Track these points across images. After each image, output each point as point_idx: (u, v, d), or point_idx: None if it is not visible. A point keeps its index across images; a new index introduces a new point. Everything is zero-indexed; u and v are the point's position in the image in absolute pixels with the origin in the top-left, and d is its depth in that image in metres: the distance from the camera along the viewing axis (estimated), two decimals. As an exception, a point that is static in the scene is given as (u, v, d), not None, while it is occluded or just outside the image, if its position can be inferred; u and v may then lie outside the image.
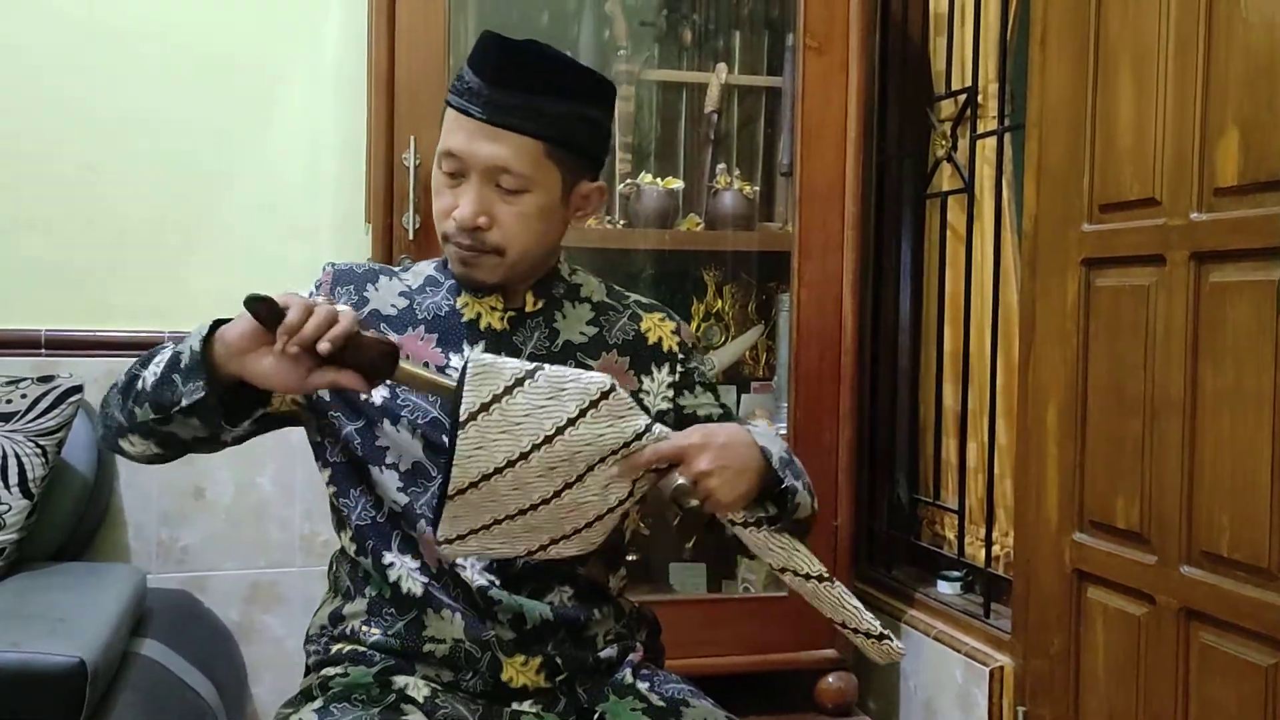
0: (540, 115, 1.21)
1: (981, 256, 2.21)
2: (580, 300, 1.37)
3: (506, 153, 1.21)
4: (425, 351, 1.28)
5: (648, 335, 1.37)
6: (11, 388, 1.97)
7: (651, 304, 1.42)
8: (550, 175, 1.24)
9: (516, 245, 1.25)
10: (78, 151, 2.23)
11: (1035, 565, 1.88)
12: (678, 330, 1.40)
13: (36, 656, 1.52)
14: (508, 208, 1.24)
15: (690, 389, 1.38)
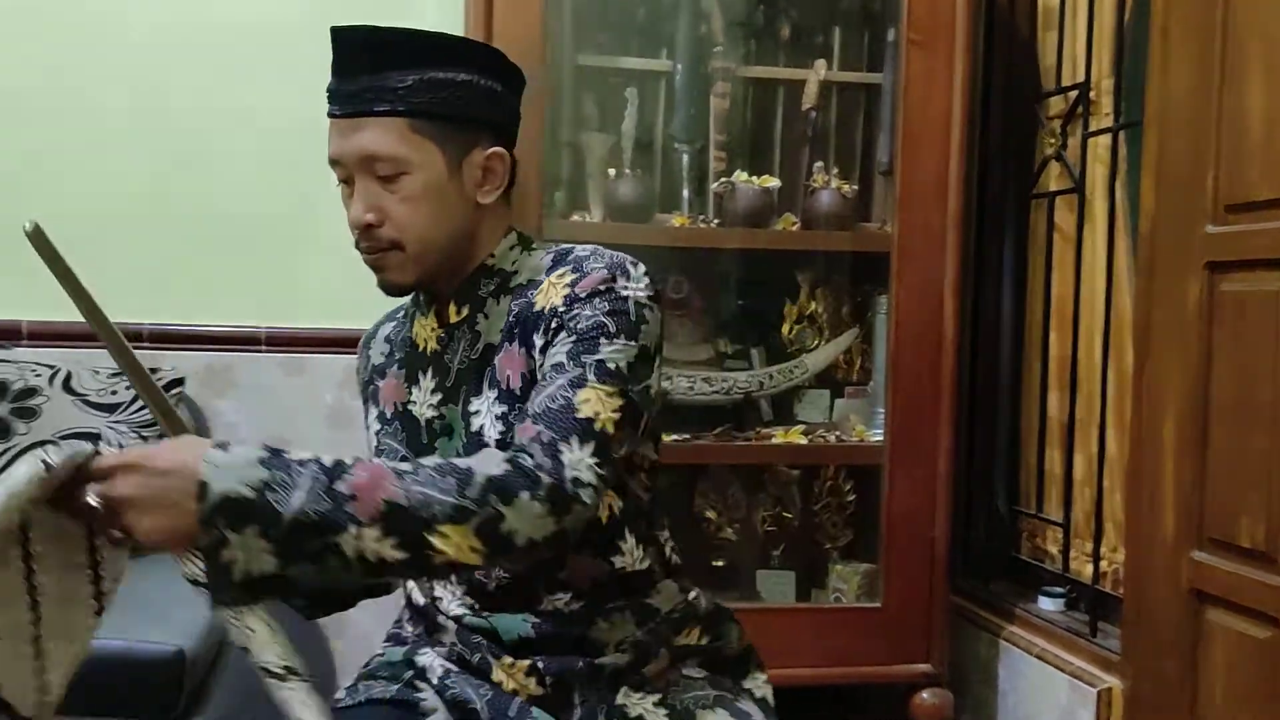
0: (389, 91, 1.14)
1: (1092, 259, 2.12)
2: (506, 292, 1.21)
3: (368, 137, 1.14)
4: (396, 389, 1.26)
5: (536, 301, 1.17)
6: (116, 380, 2.00)
7: (574, 257, 1.19)
8: (424, 151, 1.15)
9: (411, 233, 1.16)
10: (181, 148, 2.27)
11: (1149, 583, 1.79)
12: (575, 283, 1.15)
13: (137, 645, 1.56)
14: (392, 197, 1.15)
15: (556, 336, 1.14)
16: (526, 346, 1.16)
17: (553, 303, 1.16)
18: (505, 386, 1.17)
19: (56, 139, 2.24)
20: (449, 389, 1.21)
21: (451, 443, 1.20)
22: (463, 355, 1.21)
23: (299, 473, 0.96)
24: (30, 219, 0.99)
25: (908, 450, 2.13)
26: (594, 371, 1.10)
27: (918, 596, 2.13)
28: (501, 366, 1.18)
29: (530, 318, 1.17)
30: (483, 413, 1.18)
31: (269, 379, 2.31)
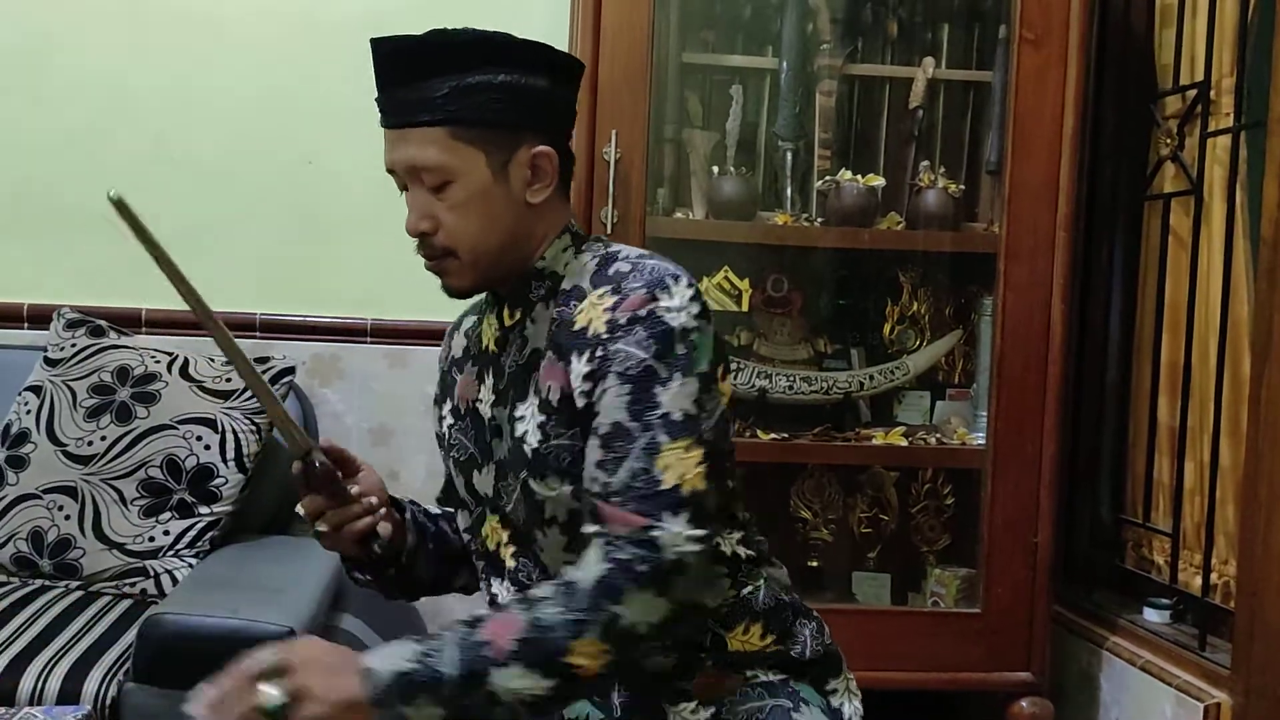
0: (427, 101, 1.14)
1: (1208, 263, 2.06)
2: (555, 296, 1.19)
3: (413, 150, 1.15)
4: (469, 385, 1.28)
5: (576, 319, 1.15)
6: (230, 367, 2.07)
7: (615, 274, 1.15)
8: (468, 158, 1.15)
9: (464, 241, 1.17)
10: (297, 145, 2.35)
11: (1262, 597, 1.73)
12: (616, 306, 1.12)
13: (253, 624, 1.60)
14: (441, 205, 1.17)
15: (604, 378, 1.11)
16: (564, 362, 1.14)
17: (595, 326, 1.12)
18: (545, 397, 1.16)
19: (174, 135, 2.32)
20: (501, 391, 1.22)
21: (502, 444, 1.21)
22: (513, 359, 1.21)
23: (443, 636, 1.03)
24: (113, 189, 1.03)
25: (1011, 455, 2.10)
26: (664, 431, 1.07)
27: (1019, 603, 2.10)
28: (544, 375, 1.17)
29: (568, 334, 1.15)
30: (526, 419, 1.18)
31: (373, 369, 2.37)
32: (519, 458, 1.17)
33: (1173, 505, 2.12)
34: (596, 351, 1.11)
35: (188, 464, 1.99)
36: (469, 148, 1.15)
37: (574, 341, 1.14)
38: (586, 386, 1.12)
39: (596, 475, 1.09)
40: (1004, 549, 2.11)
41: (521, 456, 1.17)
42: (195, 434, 2.00)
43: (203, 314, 1.12)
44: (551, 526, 1.17)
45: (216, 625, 1.60)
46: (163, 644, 1.58)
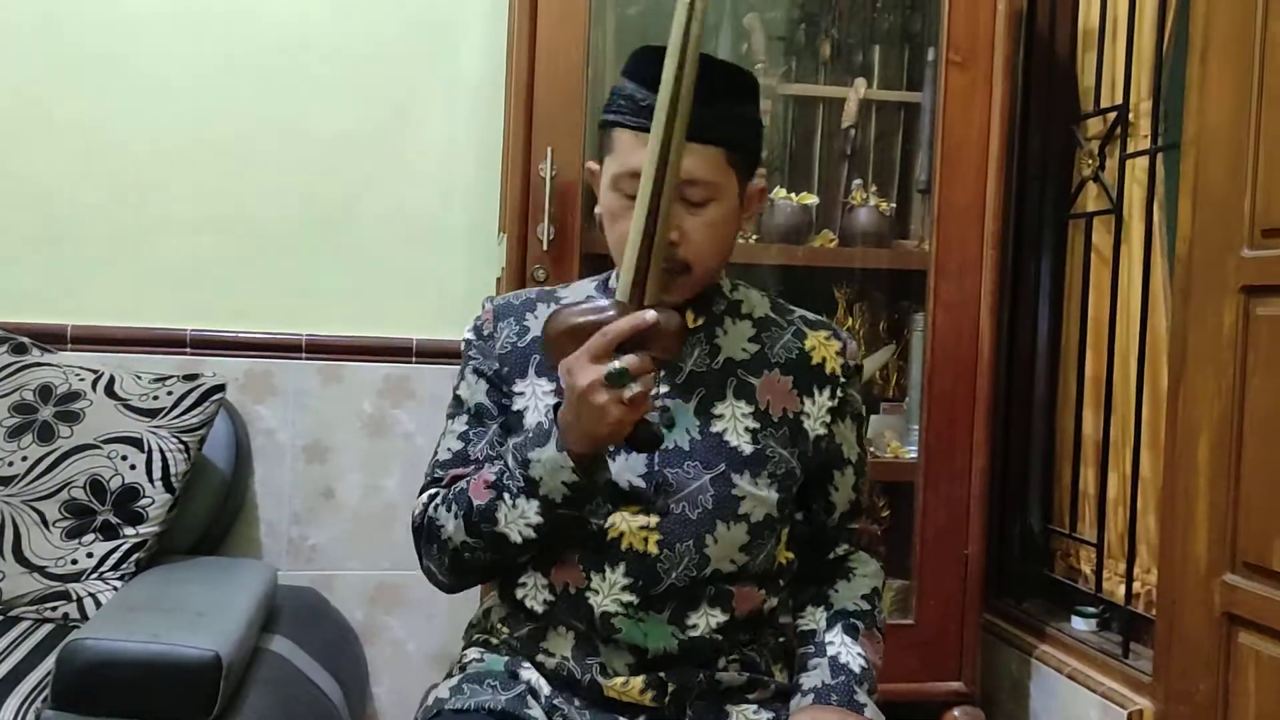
0: (719, 122, 1.21)
1: (1129, 280, 2.11)
2: (741, 317, 1.35)
3: (693, 164, 1.19)
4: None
5: (812, 354, 1.35)
6: (158, 385, 2.04)
7: (818, 320, 1.39)
8: (730, 181, 1.24)
9: (705, 258, 1.25)
10: (222, 158, 2.31)
11: (1181, 606, 1.78)
12: (843, 350, 1.37)
13: (175, 649, 1.57)
14: (695, 220, 1.23)
15: (843, 418, 1.36)
16: (801, 391, 1.33)
17: (832, 367, 1.35)
18: (764, 409, 1.30)
19: (100, 148, 2.28)
20: (678, 386, 1.30)
21: (671, 435, 1.28)
22: (699, 360, 1.31)
23: (870, 672, 1.36)
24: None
25: (941, 468, 2.13)
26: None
27: (951, 614, 2.13)
28: (762, 389, 1.31)
29: (809, 368, 1.34)
30: (727, 418, 1.29)
31: (307, 385, 2.34)
32: (719, 452, 1.28)
33: (1097, 516, 2.17)
34: (838, 391, 1.34)
35: (112, 484, 1.95)
36: (733, 171, 1.24)
37: (815, 377, 1.34)
38: (828, 419, 1.33)
39: (852, 498, 1.39)
40: (935, 561, 2.14)
41: (724, 452, 1.28)
42: (120, 453, 1.97)
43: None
44: (739, 522, 1.27)
45: (137, 651, 1.56)
46: (82, 670, 1.54)
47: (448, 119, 2.39)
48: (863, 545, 1.42)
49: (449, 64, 2.38)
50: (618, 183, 1.24)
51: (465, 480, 1.27)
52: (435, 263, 2.39)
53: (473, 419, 1.33)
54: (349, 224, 2.37)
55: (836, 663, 1.29)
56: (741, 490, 1.27)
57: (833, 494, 1.39)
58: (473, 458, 1.32)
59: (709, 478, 1.27)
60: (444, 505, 1.27)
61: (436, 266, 2.39)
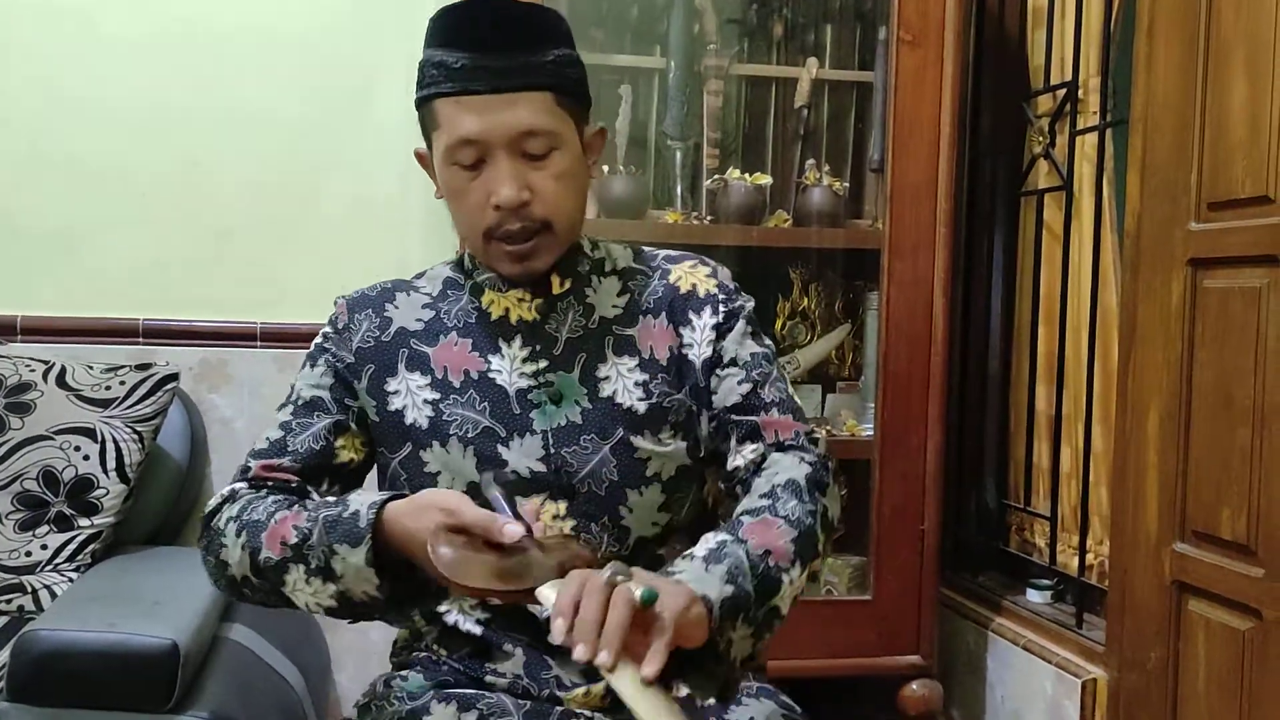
0: (539, 67, 1.14)
1: (1079, 256, 2.14)
2: (606, 273, 1.27)
3: (526, 113, 1.13)
4: (461, 357, 1.22)
5: (679, 284, 1.26)
6: (110, 375, 2.02)
7: (681, 255, 1.31)
8: (567, 126, 1.16)
9: (562, 212, 1.17)
10: (181, 147, 2.28)
11: (1132, 576, 1.81)
12: (714, 273, 1.28)
13: (131, 638, 1.56)
14: (542, 174, 1.15)
15: (729, 330, 1.24)
16: (678, 324, 1.23)
17: (707, 289, 1.25)
18: (647, 357, 1.22)
19: (52, 135, 2.25)
20: (556, 357, 1.21)
21: (560, 410, 1.19)
22: (573, 324, 1.22)
23: (726, 550, 1.06)
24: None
25: (898, 445, 2.15)
26: (778, 365, 1.27)
27: (908, 589, 2.15)
28: (640, 338, 1.23)
29: (680, 299, 1.24)
30: (613, 379, 1.21)
31: (263, 374, 2.32)
32: (613, 417, 1.19)
33: (1050, 490, 2.20)
34: (720, 307, 1.24)
35: (65, 475, 1.93)
36: (567, 116, 1.16)
37: (689, 304, 1.24)
38: (712, 336, 1.23)
39: (748, 395, 1.21)
40: (892, 537, 2.16)
41: (618, 416, 1.19)
42: (73, 444, 1.94)
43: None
44: (651, 485, 1.20)
45: (93, 640, 1.55)
46: (38, 661, 1.52)
47: (404, 104, 2.35)
48: (784, 443, 1.20)
49: (407, 45, 2.34)
50: (452, 154, 1.15)
51: (264, 510, 1.13)
52: (391, 250, 2.36)
53: (300, 409, 1.22)
54: (303, 211, 2.35)
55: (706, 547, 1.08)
56: (645, 451, 1.19)
57: (714, 396, 1.22)
58: (290, 449, 1.20)
59: (608, 447, 1.19)
60: (234, 525, 1.14)
61: (393, 253, 2.36)
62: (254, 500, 1.16)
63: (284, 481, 1.19)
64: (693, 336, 1.23)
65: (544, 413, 1.19)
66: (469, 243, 1.22)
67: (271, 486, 1.19)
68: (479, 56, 1.13)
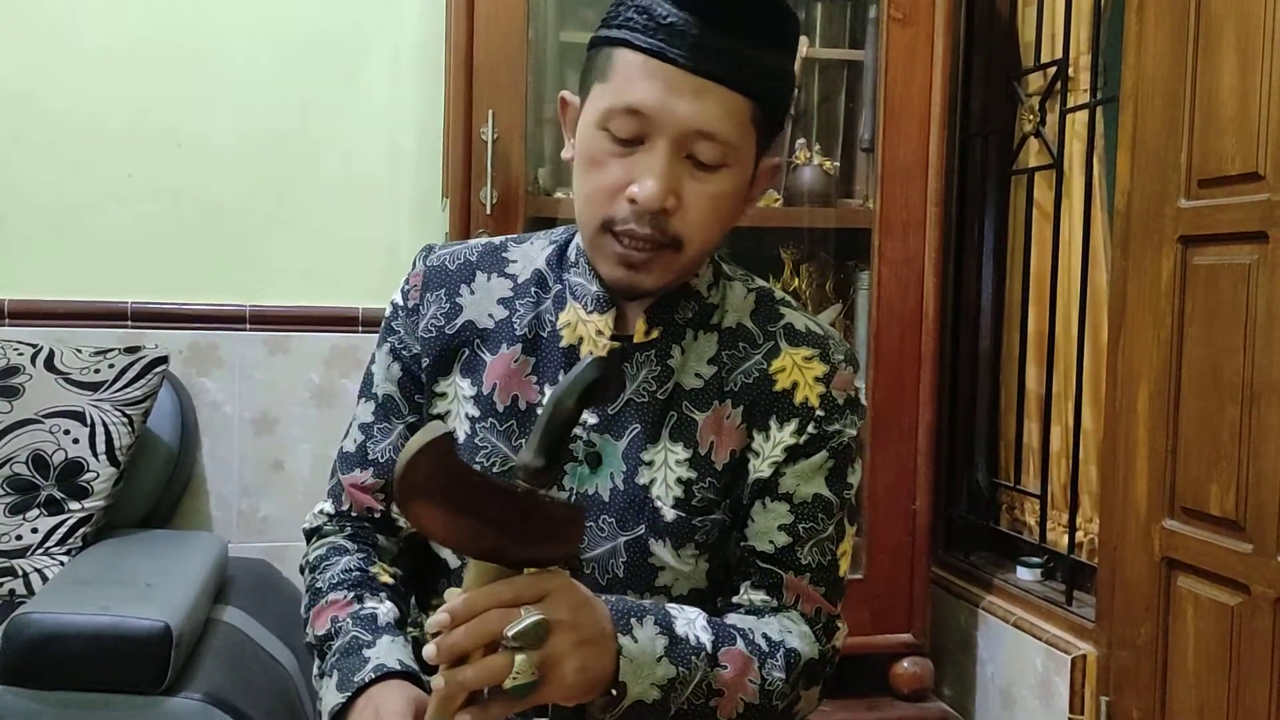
0: (751, 66, 0.94)
1: (1069, 235, 2.14)
2: (709, 328, 1.06)
3: (715, 112, 0.93)
4: (516, 378, 1.05)
5: (777, 378, 1.04)
6: (99, 358, 2.01)
7: (808, 333, 1.06)
8: (749, 145, 0.98)
9: (698, 239, 0.98)
10: (166, 128, 2.27)
11: (1122, 552, 1.82)
12: (828, 377, 1.04)
13: (124, 620, 1.56)
14: (700, 187, 0.96)
15: (806, 457, 1.03)
16: (753, 424, 1.03)
17: (806, 397, 1.03)
18: (704, 454, 1.03)
19: (39, 118, 2.23)
20: (611, 417, 1.03)
21: (593, 477, 1.03)
22: (643, 386, 1.03)
23: (695, 667, 0.94)
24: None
25: (890, 424, 2.16)
26: (850, 514, 1.06)
27: (900, 568, 2.16)
28: (705, 428, 1.03)
29: (769, 395, 1.03)
30: (657, 465, 1.02)
31: (253, 357, 2.32)
32: (639, 510, 1.02)
33: (1040, 468, 2.21)
34: (809, 427, 1.03)
35: (55, 459, 1.92)
36: (754, 134, 0.98)
37: (776, 407, 1.03)
38: (780, 458, 1.03)
39: (783, 549, 1.03)
40: (885, 516, 2.17)
41: (645, 511, 1.02)
42: (63, 428, 1.93)
43: None
44: (657, 596, 1.03)
45: (86, 623, 1.55)
46: (30, 644, 1.52)
47: (391, 85, 2.36)
48: (800, 611, 1.04)
49: (391, 30, 2.35)
50: (609, 118, 0.95)
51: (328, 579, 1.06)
52: (381, 230, 2.36)
53: (379, 410, 1.10)
54: (292, 193, 2.34)
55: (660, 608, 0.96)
56: (659, 560, 1.03)
57: (749, 525, 1.05)
58: (371, 458, 1.10)
59: (624, 540, 1.02)
60: (307, 575, 1.10)
61: (382, 234, 2.36)
62: (330, 554, 1.09)
63: (368, 510, 1.10)
64: (763, 447, 1.04)
65: (575, 474, 1.03)
66: (580, 225, 1.03)
67: (355, 519, 1.11)
68: (695, 22, 0.92)
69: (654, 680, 0.91)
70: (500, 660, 0.82)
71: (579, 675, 0.86)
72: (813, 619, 1.04)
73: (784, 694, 0.99)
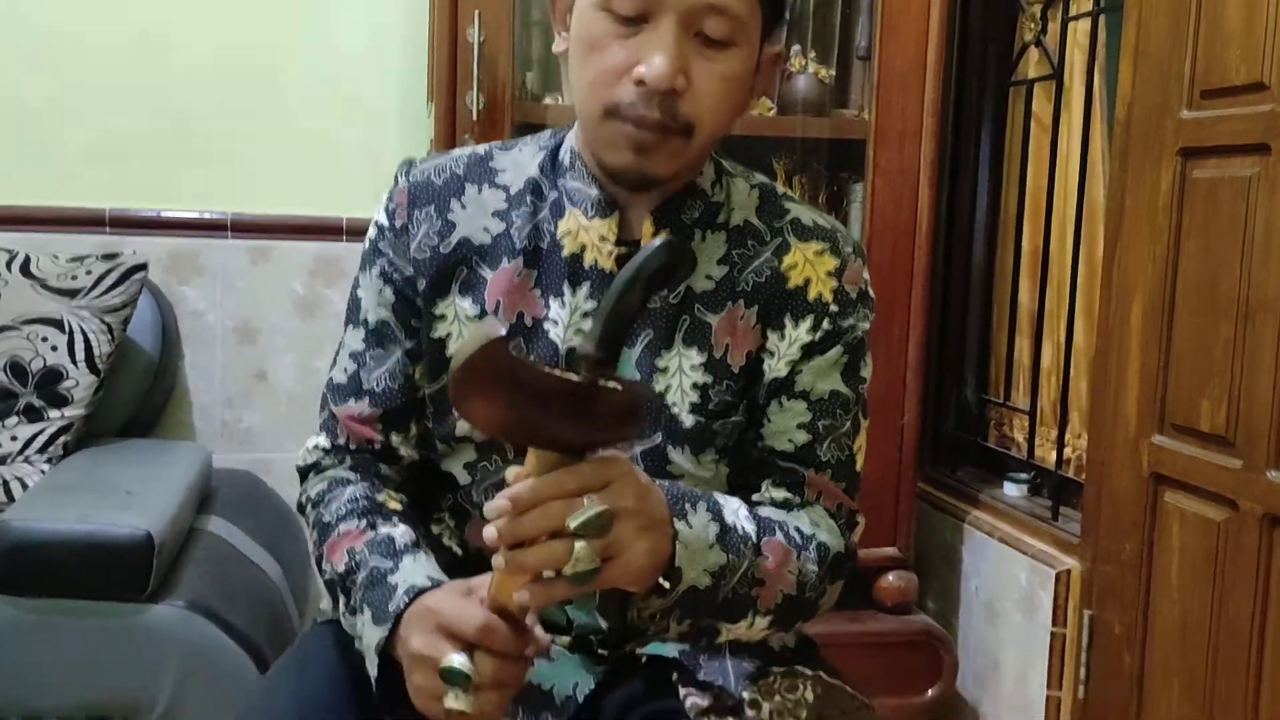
0: None
1: (1068, 148, 2.10)
2: (716, 227, 1.03)
3: None
4: (520, 293, 1.01)
5: (789, 274, 1.02)
6: (76, 264, 1.97)
7: (815, 227, 1.04)
8: (755, 23, 0.95)
9: (709, 124, 0.94)
10: (147, 31, 2.20)
11: (1110, 468, 1.82)
12: (840, 270, 1.03)
13: (104, 528, 1.55)
14: (710, 66, 0.92)
15: (821, 353, 1.02)
16: (767, 324, 1.01)
17: (819, 292, 1.01)
18: (719, 357, 1.01)
19: (11, 20, 2.15)
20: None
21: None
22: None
23: (743, 554, 0.93)
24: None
25: (880, 337, 2.10)
26: (864, 407, 1.07)
27: (886, 482, 2.16)
28: (719, 330, 1.00)
29: (783, 293, 1.01)
30: (672, 371, 1.00)
31: (235, 266, 2.28)
32: (657, 421, 1.00)
33: (1031, 384, 2.19)
34: (823, 322, 1.02)
35: (33, 366, 1.89)
36: (760, 15, 0.95)
37: (789, 304, 1.01)
38: (796, 356, 1.01)
39: (802, 448, 1.02)
40: (872, 430, 2.08)
41: (662, 419, 1.00)
42: (40, 334, 1.90)
43: None
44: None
45: (66, 531, 1.54)
46: (9, 552, 1.52)
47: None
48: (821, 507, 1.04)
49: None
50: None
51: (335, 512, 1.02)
52: (364, 137, 2.30)
53: (371, 337, 1.05)
54: (275, 98, 2.27)
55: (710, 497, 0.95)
56: (678, 468, 1.01)
57: (766, 424, 1.03)
58: (366, 388, 1.05)
59: (640, 449, 1.01)
60: (312, 514, 1.05)
61: (366, 140, 2.30)
62: (333, 486, 1.04)
63: (367, 441, 1.06)
64: (778, 346, 1.02)
65: None
66: (582, 115, 0.98)
67: (354, 452, 1.06)
68: None
69: (706, 566, 0.91)
70: (561, 547, 0.81)
71: (648, 558, 0.86)
72: (835, 514, 1.04)
73: (815, 586, 0.99)
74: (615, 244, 1.00)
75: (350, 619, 0.97)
